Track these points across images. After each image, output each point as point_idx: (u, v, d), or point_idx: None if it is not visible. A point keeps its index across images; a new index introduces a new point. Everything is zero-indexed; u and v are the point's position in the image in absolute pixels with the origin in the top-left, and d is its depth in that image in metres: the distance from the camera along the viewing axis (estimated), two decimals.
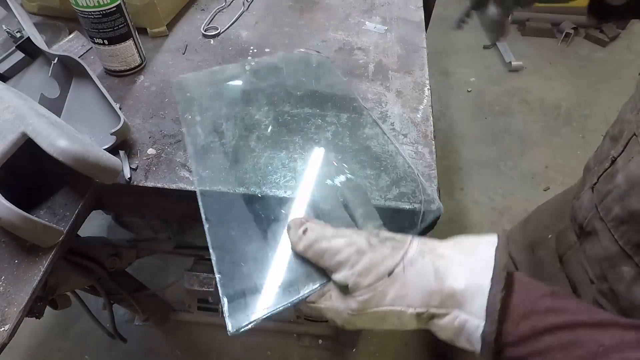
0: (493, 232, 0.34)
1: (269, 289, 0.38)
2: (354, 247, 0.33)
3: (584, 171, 0.62)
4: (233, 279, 0.39)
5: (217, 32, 0.78)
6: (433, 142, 0.57)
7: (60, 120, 0.52)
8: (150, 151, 0.57)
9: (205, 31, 0.78)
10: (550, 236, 0.65)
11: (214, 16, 0.83)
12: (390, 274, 0.32)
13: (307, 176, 0.51)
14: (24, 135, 0.45)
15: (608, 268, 0.49)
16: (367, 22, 0.82)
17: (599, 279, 0.51)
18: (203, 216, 0.44)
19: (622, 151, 0.47)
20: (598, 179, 0.51)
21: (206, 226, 0.43)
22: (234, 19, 0.81)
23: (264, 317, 0.36)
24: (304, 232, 0.36)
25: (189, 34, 0.79)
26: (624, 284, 0.46)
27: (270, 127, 0.57)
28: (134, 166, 0.54)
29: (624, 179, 0.45)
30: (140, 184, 0.53)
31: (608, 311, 0.47)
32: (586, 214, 0.53)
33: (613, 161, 0.49)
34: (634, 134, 0.45)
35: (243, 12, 0.84)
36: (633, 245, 0.45)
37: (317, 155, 0.53)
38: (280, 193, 0.49)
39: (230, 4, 0.86)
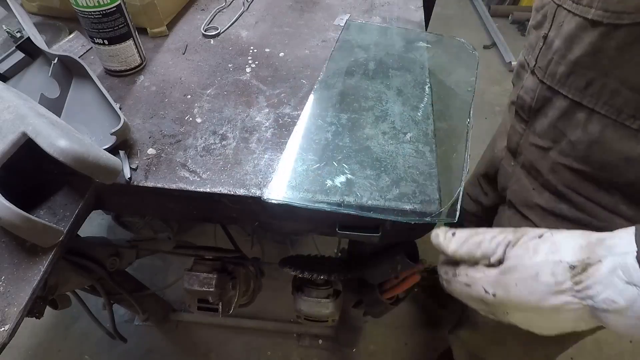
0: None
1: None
2: (505, 231, 0.38)
3: (514, 75, 0.70)
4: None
5: (217, 32, 0.78)
6: (434, 140, 0.57)
7: (60, 120, 0.52)
8: (150, 151, 0.57)
9: (205, 31, 0.78)
10: (497, 148, 0.75)
11: (214, 16, 0.83)
12: (540, 236, 0.36)
13: None
14: (24, 135, 0.45)
15: (564, 125, 0.54)
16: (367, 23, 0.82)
17: (555, 141, 0.56)
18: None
19: (552, 25, 0.53)
20: (536, 61, 0.57)
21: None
22: (234, 19, 0.81)
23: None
24: (453, 234, 0.41)
25: (189, 34, 0.79)
26: (579, 129, 0.52)
27: None
28: (134, 166, 0.54)
29: (561, 41, 0.51)
30: (140, 184, 0.53)
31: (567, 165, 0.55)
32: (533, 95, 0.59)
33: (545, 37, 0.55)
34: (557, 5, 0.52)
35: (243, 12, 0.84)
36: (580, 90, 0.50)
37: None
38: None
39: (230, 4, 0.86)
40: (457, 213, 0.48)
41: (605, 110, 0.48)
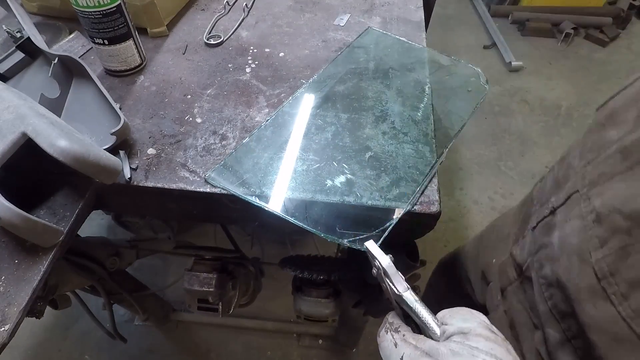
0: None
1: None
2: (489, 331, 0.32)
3: (525, 203, 0.57)
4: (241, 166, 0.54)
5: (220, 40, 0.76)
6: (433, 140, 0.57)
7: (60, 120, 0.52)
8: (150, 151, 0.57)
9: (207, 40, 0.76)
10: (494, 261, 0.60)
11: (215, 23, 0.82)
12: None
13: None
14: (24, 135, 0.45)
15: (539, 323, 0.45)
16: (367, 22, 0.82)
17: (540, 326, 0.46)
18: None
19: (563, 204, 0.43)
20: (537, 224, 0.47)
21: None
22: (235, 27, 0.80)
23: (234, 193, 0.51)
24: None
25: (189, 34, 0.79)
26: (551, 346, 0.43)
27: None
28: (134, 166, 0.54)
29: (557, 241, 0.42)
30: (140, 184, 0.53)
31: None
32: (526, 258, 0.48)
33: (552, 211, 0.44)
34: (577, 191, 0.41)
35: (244, 19, 0.83)
36: (559, 311, 0.41)
37: None
38: None
39: (228, 11, 0.85)
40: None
41: None
